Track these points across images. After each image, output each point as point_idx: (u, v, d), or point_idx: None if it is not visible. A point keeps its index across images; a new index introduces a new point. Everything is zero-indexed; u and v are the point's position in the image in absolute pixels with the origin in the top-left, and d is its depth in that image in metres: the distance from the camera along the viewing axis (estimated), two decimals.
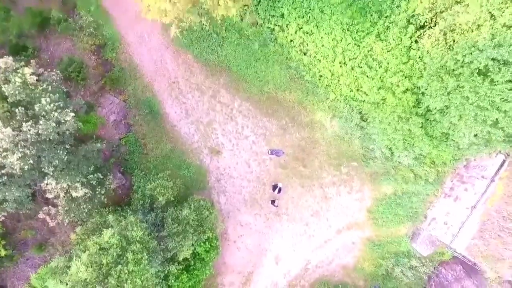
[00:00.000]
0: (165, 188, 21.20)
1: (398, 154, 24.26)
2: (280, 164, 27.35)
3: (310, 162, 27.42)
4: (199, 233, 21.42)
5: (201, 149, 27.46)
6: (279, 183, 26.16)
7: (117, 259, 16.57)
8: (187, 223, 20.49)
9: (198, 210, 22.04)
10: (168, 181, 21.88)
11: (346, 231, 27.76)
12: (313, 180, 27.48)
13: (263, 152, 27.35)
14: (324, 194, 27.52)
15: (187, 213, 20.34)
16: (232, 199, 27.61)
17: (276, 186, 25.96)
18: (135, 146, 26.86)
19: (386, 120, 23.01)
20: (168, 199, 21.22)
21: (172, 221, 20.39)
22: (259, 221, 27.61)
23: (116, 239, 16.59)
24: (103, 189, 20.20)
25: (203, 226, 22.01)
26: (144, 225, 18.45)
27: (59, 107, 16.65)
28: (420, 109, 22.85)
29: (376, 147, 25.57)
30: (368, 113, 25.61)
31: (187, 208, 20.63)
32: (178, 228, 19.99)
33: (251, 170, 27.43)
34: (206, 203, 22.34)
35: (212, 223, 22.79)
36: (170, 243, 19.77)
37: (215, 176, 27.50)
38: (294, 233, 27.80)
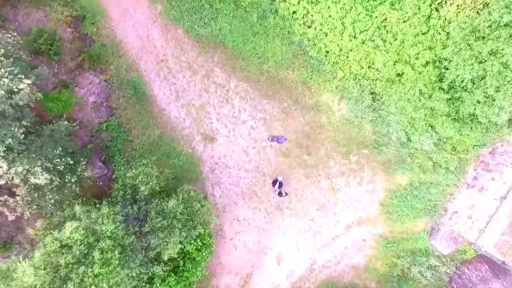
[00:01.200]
0: (149, 177, 17.89)
1: (417, 137, 20.99)
2: (282, 152, 24.08)
3: (315, 150, 24.15)
4: (188, 229, 18.12)
5: (193, 135, 24.16)
6: (279, 176, 22.86)
7: (81, 259, 13.26)
8: (174, 217, 17.18)
9: (187, 202, 18.73)
10: (152, 169, 18.53)
11: (356, 227, 24.47)
12: (319, 170, 24.21)
13: (262, 138, 24.08)
14: (332, 185, 24.25)
15: (174, 205, 17.05)
16: (228, 192, 24.30)
17: (276, 180, 22.63)
18: (118, 131, 23.53)
19: (405, 96, 19.77)
20: (153, 189, 17.91)
21: (156, 214, 17.07)
22: (258, 216, 24.31)
23: (80, 234, 13.28)
24: (74, 177, 16.85)
25: (194, 220, 18.71)
26: (119, 218, 15.10)
27: (11, 72, 13.37)
28: (444, 84, 19.59)
29: (391, 130, 22.33)
30: (382, 92, 22.36)
31: (174, 199, 17.29)
32: (163, 223, 16.68)
33: (249, 159, 24.14)
34: (197, 195, 19.06)
35: (205, 218, 19.47)
36: (152, 240, 16.43)
37: (209, 166, 24.19)
38: (298, 230, 24.49)
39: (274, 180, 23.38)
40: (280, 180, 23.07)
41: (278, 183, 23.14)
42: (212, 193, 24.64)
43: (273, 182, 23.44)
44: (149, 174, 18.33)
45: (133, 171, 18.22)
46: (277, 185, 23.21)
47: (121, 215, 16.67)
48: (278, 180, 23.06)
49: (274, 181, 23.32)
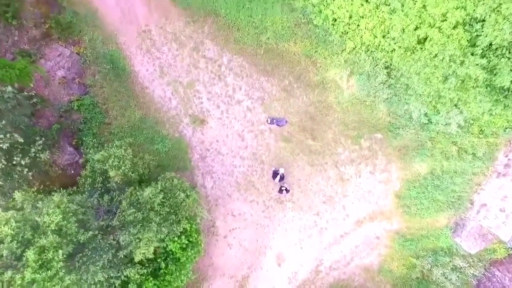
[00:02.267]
0: (121, 160, 14.41)
1: (442, 116, 17.52)
2: (283, 137, 20.62)
3: (321, 134, 20.70)
4: (171, 224, 14.68)
5: (181, 117, 20.70)
6: (280, 168, 19.37)
7: (10, 261, 9.83)
8: (151, 209, 13.74)
9: (170, 192, 15.22)
10: (126, 151, 15.05)
11: (369, 223, 21.00)
12: (326, 157, 20.74)
13: (260, 121, 20.63)
14: (340, 174, 20.78)
15: (151, 194, 13.59)
16: (221, 182, 20.82)
17: (277, 172, 19.14)
18: (93, 112, 20.08)
19: (431, 63, 16.26)
20: (128, 176, 14.51)
21: (129, 205, 13.60)
22: (256, 210, 20.84)
23: (11, 228, 9.82)
24: (25, 159, 13.39)
25: (178, 214, 15.21)
26: (74, 208, 11.65)
27: None
28: (477, 49, 16.11)
29: (411, 108, 18.87)
30: (399, 64, 18.89)
31: (152, 188, 13.84)
32: (136, 216, 13.21)
33: (245, 145, 20.68)
34: (181, 183, 15.64)
35: (191, 211, 15.98)
36: (122, 237, 12.97)
37: (199, 153, 20.72)
38: (301, 226, 21.02)
39: (274, 172, 19.90)
40: (281, 173, 19.57)
41: (279, 176, 19.63)
42: (202, 184, 21.17)
43: (274, 174, 19.96)
44: (122, 157, 14.84)
45: (102, 153, 14.73)
46: (278, 178, 19.71)
47: (89, 207, 13.19)
48: (279, 173, 19.57)
49: (275, 173, 19.84)
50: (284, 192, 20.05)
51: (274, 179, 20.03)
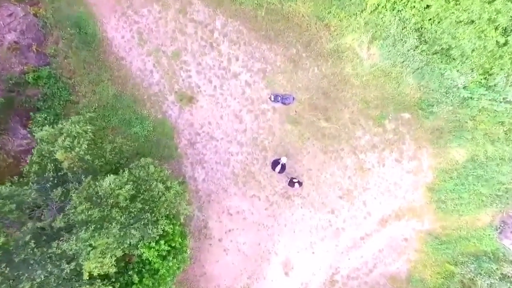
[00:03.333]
0: (76, 140, 10.33)
1: (502, 80, 13.46)
2: (290, 118, 16.61)
3: (336, 114, 16.71)
4: (144, 225, 10.55)
5: (164, 95, 16.66)
6: (282, 157, 15.29)
7: None
8: (115, 205, 9.63)
9: (145, 183, 11.15)
10: (84, 127, 10.97)
11: (395, 222, 16.98)
12: (342, 142, 16.73)
13: (262, 98, 16.63)
14: (359, 163, 16.75)
15: (113, 185, 9.51)
16: (214, 174, 16.76)
17: (278, 162, 15.07)
18: (55, 88, 16.06)
19: (484, 11, 12.18)
20: (86, 162, 10.38)
21: (85, 200, 9.50)
22: (257, 207, 16.81)
23: None
24: None
25: (154, 211, 11.11)
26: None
27: None
28: None
29: (452, 77, 14.78)
30: (435, 21, 14.84)
31: (118, 177, 9.79)
32: (92, 214, 9.14)
33: (243, 128, 16.65)
34: (159, 171, 11.62)
35: (173, 208, 11.90)
36: (65, 244, 8.92)
37: (188, 138, 16.66)
38: (313, 226, 16.98)
39: (274, 161, 15.82)
40: (283, 162, 15.49)
41: (279, 166, 15.54)
42: (192, 176, 17.11)
43: (273, 163, 15.88)
44: (77, 136, 10.76)
45: (48, 129, 10.67)
46: (279, 168, 15.62)
47: (21, 202, 9.06)
48: (280, 162, 15.49)
49: (275, 162, 15.76)
50: (297, 185, 15.95)
51: (274, 169, 15.95)
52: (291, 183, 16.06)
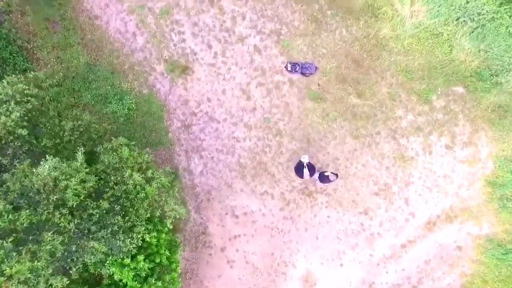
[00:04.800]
0: (5, 104, 6.35)
1: None
2: (311, 93, 12.76)
3: (370, 88, 12.91)
4: (113, 233, 6.55)
5: (151, 64, 12.74)
6: (302, 156, 11.44)
7: None
8: (59, 204, 5.66)
9: (115, 172, 7.14)
10: (27, 89, 7.00)
11: (445, 225, 13.13)
12: (378, 124, 12.89)
13: (276, 68, 12.77)
14: (400, 151, 12.88)
15: (54, 173, 5.56)
16: (215, 165, 12.86)
17: (301, 165, 11.41)
18: (7, 52, 12.23)
19: None
20: (20, 137, 6.38)
21: (14, 195, 5.57)
22: (270, 207, 12.91)
23: None
24: None
25: (129, 214, 7.13)
26: None
27: None
28: None
29: None
30: None
31: (76, 160, 5.88)
32: (16, 219, 5.18)
33: (252, 106, 12.76)
34: (136, 156, 7.61)
35: (158, 209, 7.92)
36: None
37: (181, 119, 12.74)
38: (340, 231, 13.07)
39: (298, 167, 11.90)
40: (307, 162, 11.41)
41: (306, 170, 11.52)
42: (187, 168, 13.18)
43: (297, 168, 11.96)
44: (8, 100, 6.81)
45: None
46: (306, 171, 11.65)
47: None
48: (303, 163, 11.42)
49: (298, 167, 11.84)
50: (333, 177, 11.87)
51: (299, 173, 11.90)
52: (323, 178, 12.04)
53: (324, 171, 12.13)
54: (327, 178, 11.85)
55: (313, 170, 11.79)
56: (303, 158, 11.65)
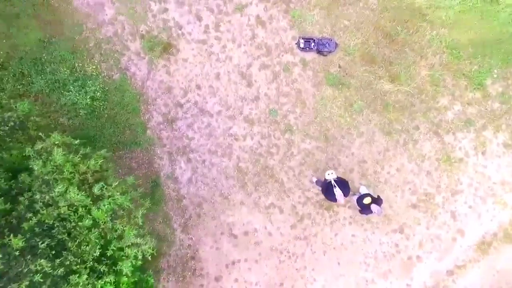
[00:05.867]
0: None
1: None
2: (330, 77, 9.79)
3: (406, 69, 9.87)
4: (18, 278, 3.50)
5: (124, 41, 9.72)
6: (328, 171, 8.45)
7: None
8: None
9: (48, 187, 4.02)
10: None
11: (503, 246, 10.09)
12: (416, 116, 9.88)
13: (285, 45, 9.78)
14: (445, 150, 9.83)
15: None
16: (207, 171, 9.77)
17: (330, 184, 8.25)
18: None
19: None
20: None
21: None
22: (279, 224, 9.90)
23: None
24: None
25: (67, 253, 3.95)
26: None
27: None
28: None
29: None
30: None
31: None
32: None
33: (254, 94, 9.69)
34: (82, 161, 4.45)
35: (113, 239, 4.77)
36: None
37: (163, 111, 9.66)
38: (369, 254, 10.04)
39: (326, 187, 8.57)
40: (334, 178, 8.35)
41: (338, 190, 8.28)
42: (171, 174, 10.10)
43: (325, 190, 8.67)
44: None
45: None
46: (338, 192, 8.34)
47: None
48: (329, 180, 8.37)
49: (327, 188, 8.50)
50: (374, 208, 8.53)
51: (330, 196, 8.53)
52: (363, 207, 8.75)
53: (363, 195, 8.79)
54: (367, 208, 8.53)
55: (345, 186, 8.50)
56: (329, 174, 8.36)
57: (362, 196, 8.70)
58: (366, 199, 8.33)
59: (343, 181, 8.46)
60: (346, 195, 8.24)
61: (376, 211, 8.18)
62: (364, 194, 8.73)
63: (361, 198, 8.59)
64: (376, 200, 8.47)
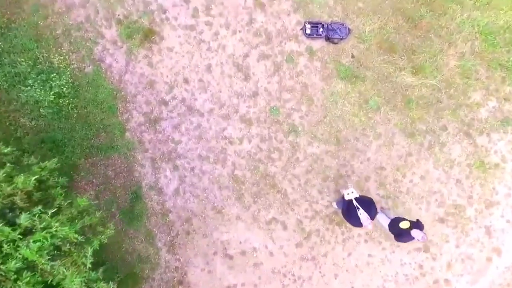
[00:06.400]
0: None
1: None
2: (342, 68, 8.12)
3: (431, 59, 8.19)
4: None
5: (98, 27, 8.14)
6: (347, 190, 6.71)
7: None
8: None
9: None
10: None
11: None
12: (442, 115, 8.26)
13: (288, 32, 8.20)
14: (477, 155, 8.20)
15: None
16: (197, 180, 8.13)
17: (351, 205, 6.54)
18: None
19: None
20: None
21: None
22: (282, 242, 8.31)
23: None
24: None
25: None
26: None
27: None
28: None
29: None
30: None
31: None
32: None
33: (252, 89, 8.08)
34: None
35: None
36: None
37: (144, 110, 8.01)
38: (388, 277, 8.30)
39: (347, 209, 6.76)
40: (348, 192, 6.65)
41: (361, 210, 6.48)
42: (153, 184, 8.45)
43: (347, 213, 6.86)
44: None
45: None
46: (363, 214, 6.49)
47: None
48: (352, 201, 6.57)
49: (348, 210, 6.71)
50: (417, 234, 6.71)
51: (354, 221, 6.76)
52: (400, 233, 7.01)
53: (397, 218, 7.05)
54: (404, 233, 6.78)
55: (370, 206, 6.75)
56: (348, 193, 6.55)
57: (396, 219, 7.04)
58: (403, 223, 6.62)
59: (367, 199, 6.79)
60: (372, 217, 6.55)
61: (421, 238, 6.44)
62: (398, 218, 7.08)
63: (395, 222, 6.92)
64: (416, 224, 6.79)
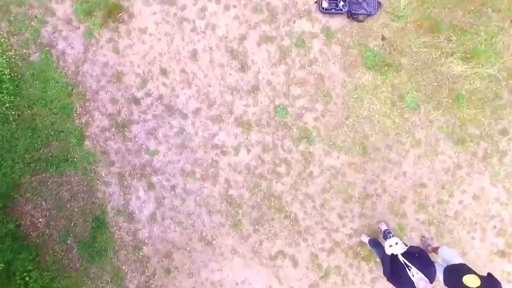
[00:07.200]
0: None
1: None
2: (370, 54, 6.15)
3: (486, 42, 6.02)
4: None
5: (47, 1, 5.62)
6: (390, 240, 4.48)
7: None
8: None
9: None
10: None
11: None
12: (502, 116, 6.11)
13: (297, 6, 6.03)
14: None
15: None
16: (180, 202, 5.97)
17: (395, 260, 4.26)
18: None
19: None
20: None
21: None
22: (291, 283, 5.92)
23: None
24: None
25: None
26: None
27: None
28: None
29: None
30: None
31: None
32: None
33: (250, 83, 6.00)
34: None
35: None
36: None
37: (109, 111, 5.86)
38: None
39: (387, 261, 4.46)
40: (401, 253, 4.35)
41: (413, 270, 4.15)
42: (122, 208, 6.24)
43: (387, 267, 4.42)
44: None
45: None
46: (417, 277, 4.11)
47: None
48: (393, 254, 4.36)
49: (389, 263, 4.41)
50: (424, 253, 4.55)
51: (395, 278, 4.27)
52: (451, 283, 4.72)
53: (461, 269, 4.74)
54: None
55: (425, 262, 4.41)
56: (391, 246, 4.06)
57: (457, 269, 4.78)
58: (471, 281, 4.37)
59: (418, 251, 4.52)
60: (431, 278, 4.27)
61: None
62: (460, 266, 4.84)
63: (456, 274, 4.69)
64: (488, 279, 4.54)
